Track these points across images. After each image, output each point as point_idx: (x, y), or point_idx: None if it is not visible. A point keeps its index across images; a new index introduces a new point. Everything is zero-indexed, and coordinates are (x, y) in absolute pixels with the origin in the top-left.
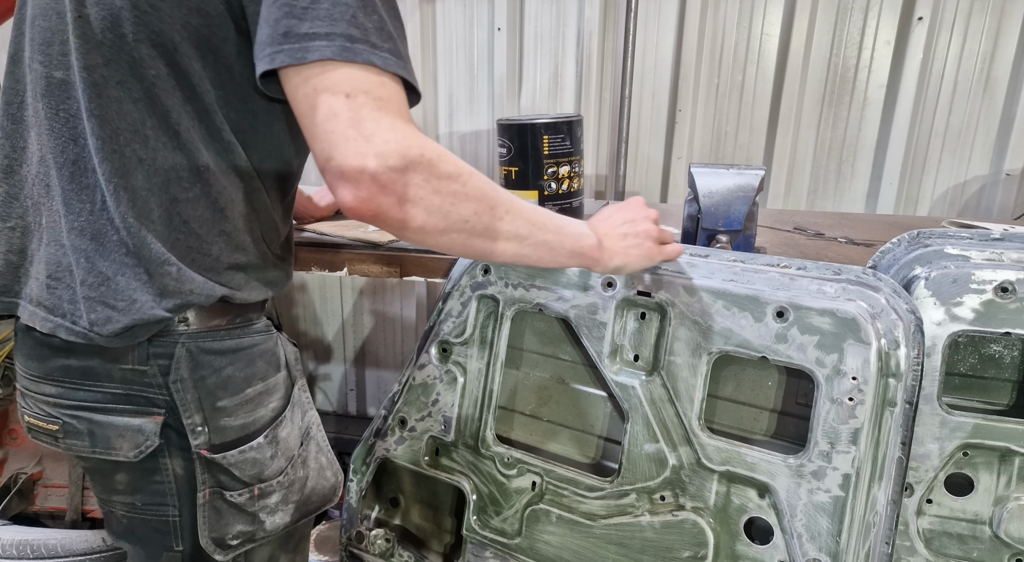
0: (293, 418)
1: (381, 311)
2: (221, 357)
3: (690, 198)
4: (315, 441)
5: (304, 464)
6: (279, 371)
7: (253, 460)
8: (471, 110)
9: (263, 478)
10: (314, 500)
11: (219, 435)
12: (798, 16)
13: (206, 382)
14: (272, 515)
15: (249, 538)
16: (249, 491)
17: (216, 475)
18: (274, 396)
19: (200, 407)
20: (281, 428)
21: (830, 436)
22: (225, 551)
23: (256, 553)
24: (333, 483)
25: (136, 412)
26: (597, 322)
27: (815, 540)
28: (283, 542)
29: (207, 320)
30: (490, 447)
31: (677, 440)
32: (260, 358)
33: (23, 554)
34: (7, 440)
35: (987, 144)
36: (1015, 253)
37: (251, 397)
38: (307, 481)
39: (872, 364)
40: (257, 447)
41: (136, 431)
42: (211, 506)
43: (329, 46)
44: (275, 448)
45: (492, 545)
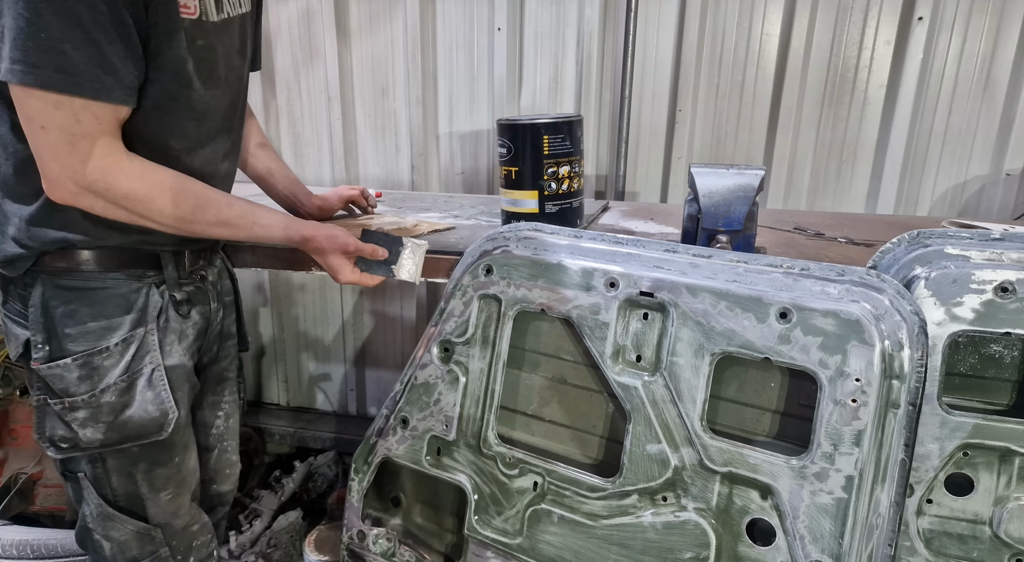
0: (124, 354)
1: (381, 311)
2: (69, 292)
3: (690, 198)
4: (146, 377)
5: (123, 393)
6: (128, 313)
7: (59, 375)
8: (471, 110)
9: (69, 393)
10: (132, 427)
11: (60, 353)
12: (798, 16)
13: (54, 310)
14: (83, 428)
15: (73, 445)
16: (61, 402)
17: (42, 384)
18: (116, 332)
19: (44, 328)
20: (99, 357)
21: (833, 438)
22: (57, 450)
23: (108, 464)
24: (156, 417)
25: (21, 324)
26: (599, 322)
27: (818, 542)
28: (131, 461)
29: (58, 262)
30: (492, 447)
31: (679, 441)
32: (109, 300)
33: (23, 554)
34: (7, 440)
35: (987, 144)
36: (1015, 253)
37: (93, 329)
38: (124, 409)
39: (876, 366)
40: (63, 366)
41: (15, 337)
42: (41, 409)
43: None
44: (85, 371)
45: (493, 545)
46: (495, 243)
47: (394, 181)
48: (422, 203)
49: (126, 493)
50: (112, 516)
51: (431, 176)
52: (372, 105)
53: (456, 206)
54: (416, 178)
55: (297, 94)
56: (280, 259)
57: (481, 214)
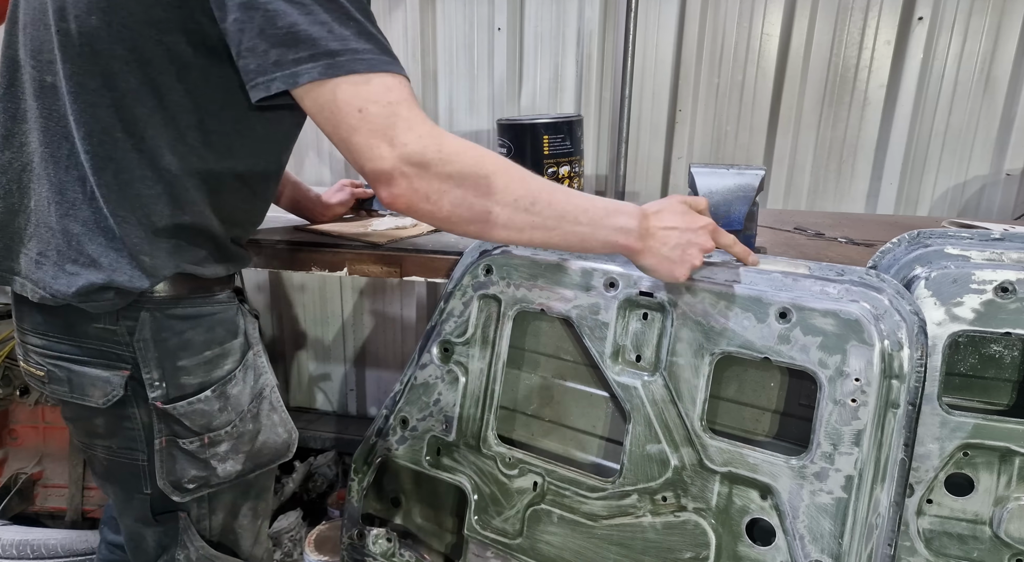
0: (245, 378)
1: (381, 311)
2: (182, 322)
3: None
4: (268, 401)
5: (255, 419)
6: (236, 337)
7: (201, 411)
8: (471, 110)
9: (211, 428)
10: (266, 452)
11: (178, 390)
12: (798, 16)
13: (167, 343)
14: (223, 462)
15: (204, 483)
16: (199, 439)
17: (170, 424)
18: (230, 359)
19: (159, 364)
20: (231, 385)
21: (833, 437)
22: (182, 494)
23: (218, 500)
24: (285, 438)
25: (106, 365)
26: (599, 322)
27: (817, 542)
28: (243, 491)
29: (170, 290)
30: (492, 447)
31: (679, 441)
32: (219, 325)
33: (23, 554)
34: (7, 440)
35: (987, 144)
36: (1015, 253)
37: (209, 358)
38: (258, 435)
39: (875, 365)
40: (205, 400)
41: (105, 382)
42: (167, 452)
43: (315, 66)
44: (223, 402)
45: (493, 545)
46: (495, 243)
47: None
48: None
49: (222, 529)
50: (214, 557)
51: None
52: None
53: None
54: None
55: None
56: (280, 259)
57: None
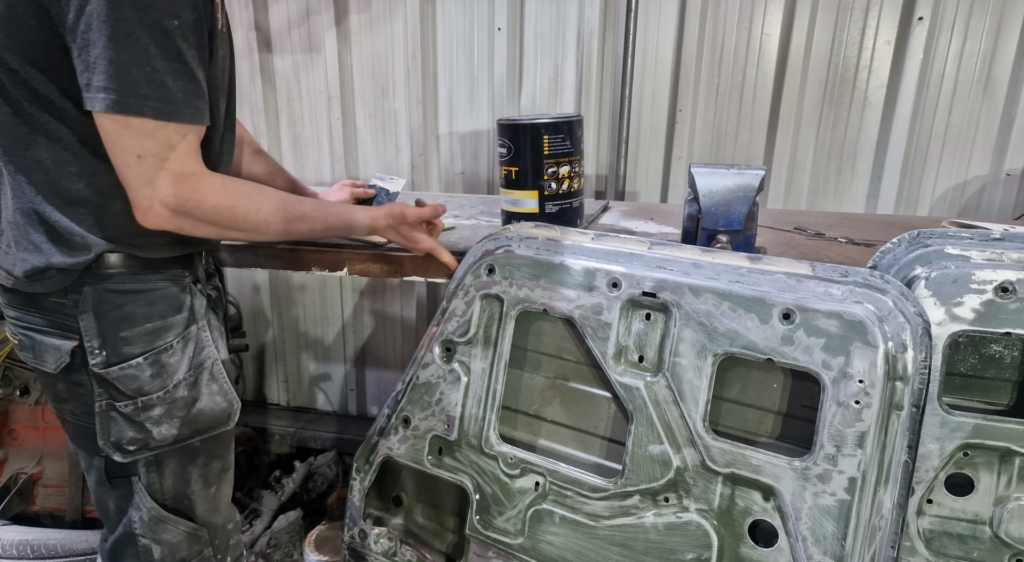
0: (184, 349)
1: (381, 311)
2: (122, 296)
3: (690, 198)
4: (208, 371)
5: (192, 387)
6: (179, 312)
7: (132, 376)
8: (471, 110)
9: (143, 392)
10: (203, 419)
11: (117, 357)
12: (798, 16)
13: (108, 315)
14: (157, 425)
15: (143, 445)
16: (133, 403)
17: (107, 389)
18: (171, 331)
19: (99, 334)
20: (166, 354)
21: (836, 439)
22: (124, 454)
23: (165, 464)
24: (224, 407)
25: (58, 335)
26: (602, 322)
27: (820, 543)
28: (189, 457)
29: (112, 267)
30: (493, 447)
31: (681, 442)
32: (161, 300)
33: (23, 554)
34: (7, 440)
35: (987, 144)
36: (1015, 253)
37: (150, 330)
38: (195, 402)
39: (879, 367)
40: (136, 365)
41: (56, 349)
42: (107, 415)
43: (106, 99)
44: (156, 369)
45: (495, 545)
46: (497, 243)
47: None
48: None
49: (176, 494)
50: (165, 518)
51: (431, 176)
52: (372, 105)
53: (456, 206)
54: (416, 178)
55: (297, 94)
56: (280, 259)
57: (481, 214)
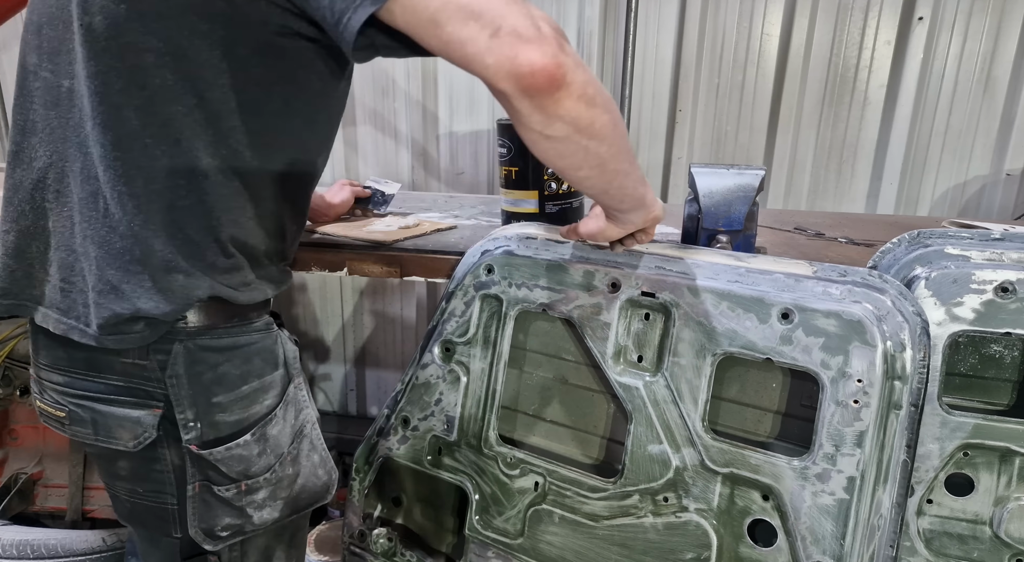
0: (286, 416)
1: (381, 311)
2: (218, 354)
3: (690, 198)
4: (308, 439)
5: (295, 462)
6: (276, 369)
7: (240, 457)
8: (471, 110)
9: (250, 474)
10: (304, 497)
11: (213, 430)
12: (798, 16)
13: (202, 378)
14: (260, 510)
15: (238, 531)
16: (236, 486)
17: (204, 470)
18: (270, 393)
19: (194, 402)
20: (271, 426)
21: (835, 439)
22: (215, 542)
23: (251, 544)
24: (325, 481)
25: (136, 404)
26: (601, 322)
27: (819, 543)
28: (277, 535)
29: (205, 319)
30: (493, 447)
31: (681, 441)
32: (257, 356)
33: (23, 554)
34: (7, 440)
35: (987, 144)
36: (1015, 253)
37: (246, 394)
38: (297, 478)
39: (878, 367)
40: (244, 444)
41: (135, 422)
42: (200, 499)
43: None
44: (263, 445)
45: (494, 545)
46: (496, 243)
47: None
48: (422, 203)
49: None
50: None
51: (431, 176)
52: (372, 105)
53: (456, 206)
54: (416, 178)
55: None
56: None
57: (481, 214)
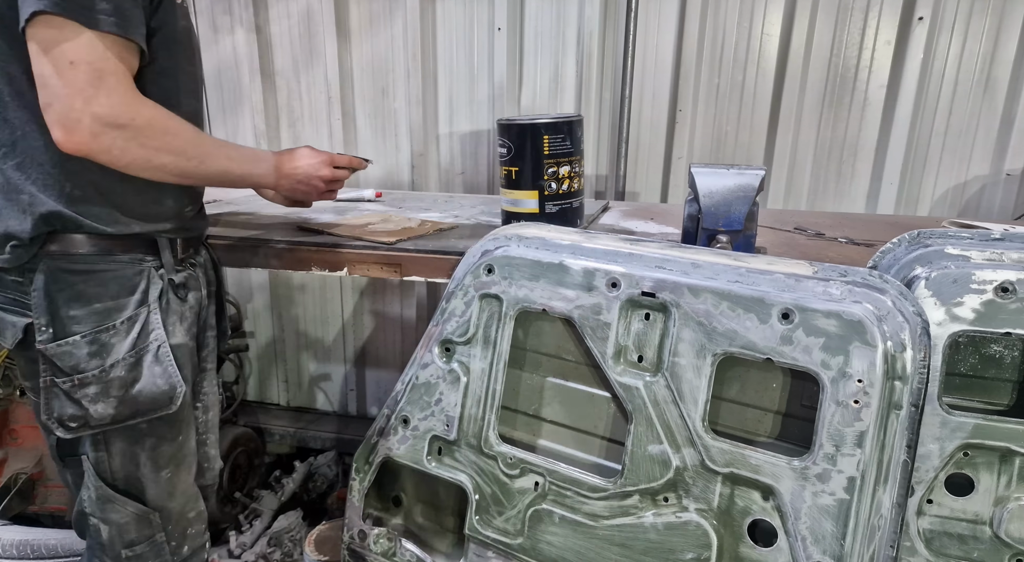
0: (129, 331)
1: (381, 311)
2: (75, 276)
3: (690, 198)
4: (153, 354)
5: (132, 368)
6: (132, 295)
7: (68, 353)
8: (471, 110)
9: (79, 370)
10: (143, 401)
11: (66, 334)
12: (798, 16)
13: (59, 294)
14: (94, 404)
15: (83, 422)
16: (70, 380)
17: (50, 365)
18: (123, 312)
19: (48, 311)
20: (106, 334)
21: (835, 439)
22: (66, 430)
23: (112, 445)
24: (166, 390)
25: (16, 312)
26: (601, 322)
27: (819, 543)
28: (135, 439)
29: (66, 247)
30: (493, 447)
31: (681, 441)
32: (114, 281)
33: (23, 554)
34: (7, 440)
35: (987, 144)
36: (1015, 253)
37: (99, 310)
38: (134, 383)
39: (878, 367)
40: (73, 343)
41: (12, 325)
42: (50, 391)
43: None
44: (95, 347)
45: (494, 545)
46: (497, 243)
47: (394, 181)
48: (422, 203)
49: (126, 475)
50: (112, 498)
51: (431, 176)
52: (372, 105)
53: (456, 206)
54: (416, 178)
55: (297, 94)
56: (280, 259)
57: (481, 214)
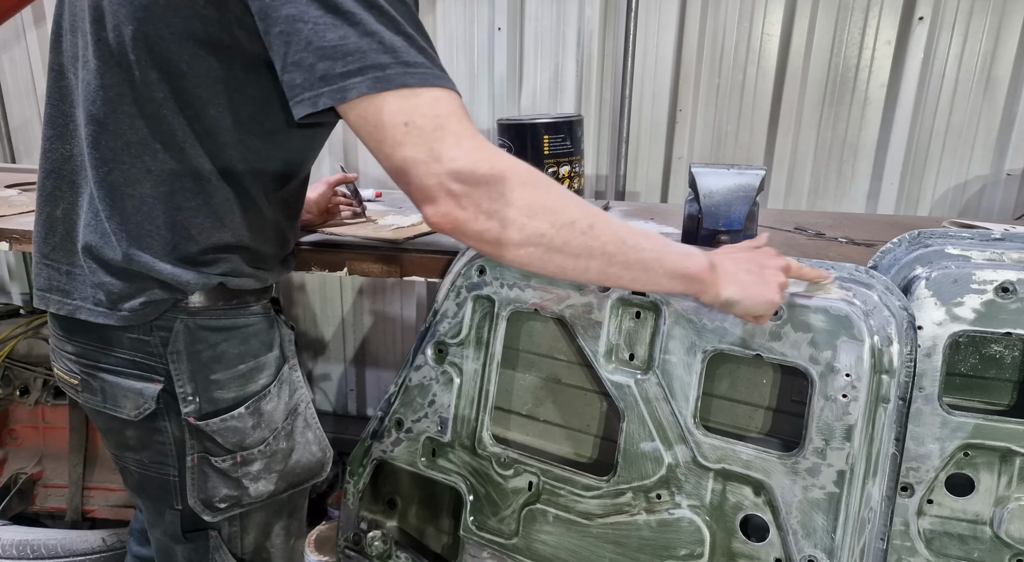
0: (280, 394)
1: (381, 311)
2: (216, 334)
3: (690, 198)
4: (303, 417)
5: (289, 437)
6: (271, 351)
7: (234, 428)
8: (471, 110)
9: (244, 446)
10: (299, 472)
11: (210, 404)
12: (799, 16)
13: (201, 355)
14: (255, 482)
15: (235, 502)
16: (232, 457)
17: (203, 441)
18: (265, 372)
19: (193, 378)
20: (265, 402)
21: (824, 433)
22: (213, 513)
23: (250, 519)
24: (320, 457)
25: (139, 377)
26: (592, 321)
27: (810, 537)
28: (275, 511)
29: (205, 301)
30: (487, 447)
31: (673, 438)
32: (254, 337)
33: (23, 554)
34: (7, 440)
35: (988, 144)
36: (1016, 253)
37: (243, 372)
38: (292, 453)
39: (865, 361)
40: (238, 416)
41: (137, 393)
42: (199, 469)
43: (364, 81)
44: (257, 419)
45: (489, 545)
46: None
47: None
48: None
49: (255, 549)
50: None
51: None
52: None
53: None
54: None
55: None
56: None
57: None
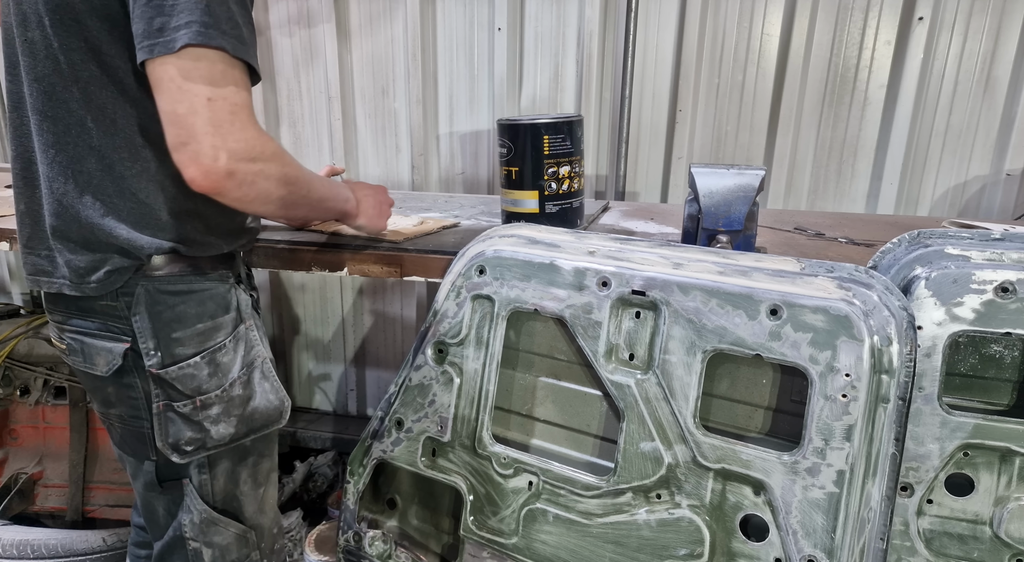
0: (236, 349)
1: (381, 311)
2: (174, 297)
3: (690, 198)
4: (259, 370)
5: (246, 385)
6: (228, 312)
7: (191, 375)
8: (471, 110)
9: (202, 391)
10: (258, 417)
11: (171, 358)
12: (799, 16)
13: (161, 315)
14: (216, 424)
15: (200, 445)
16: (191, 402)
17: (165, 389)
18: (221, 331)
19: (155, 335)
20: (221, 354)
21: (824, 433)
22: (182, 455)
23: (217, 466)
24: (277, 405)
25: (110, 338)
26: (592, 321)
27: (810, 537)
28: (240, 457)
29: (164, 267)
30: (487, 447)
31: (672, 438)
32: (211, 300)
33: (23, 554)
34: (7, 440)
35: (987, 144)
36: (1015, 253)
37: (201, 330)
38: (249, 400)
39: (865, 361)
40: (194, 365)
41: (108, 351)
42: (164, 415)
43: (187, 33)
44: (213, 368)
45: (489, 545)
46: (488, 244)
47: (394, 181)
48: (422, 203)
49: (226, 495)
50: (216, 520)
51: (431, 176)
52: (372, 105)
53: (456, 206)
54: (416, 178)
55: (297, 94)
56: (280, 259)
57: (481, 214)
